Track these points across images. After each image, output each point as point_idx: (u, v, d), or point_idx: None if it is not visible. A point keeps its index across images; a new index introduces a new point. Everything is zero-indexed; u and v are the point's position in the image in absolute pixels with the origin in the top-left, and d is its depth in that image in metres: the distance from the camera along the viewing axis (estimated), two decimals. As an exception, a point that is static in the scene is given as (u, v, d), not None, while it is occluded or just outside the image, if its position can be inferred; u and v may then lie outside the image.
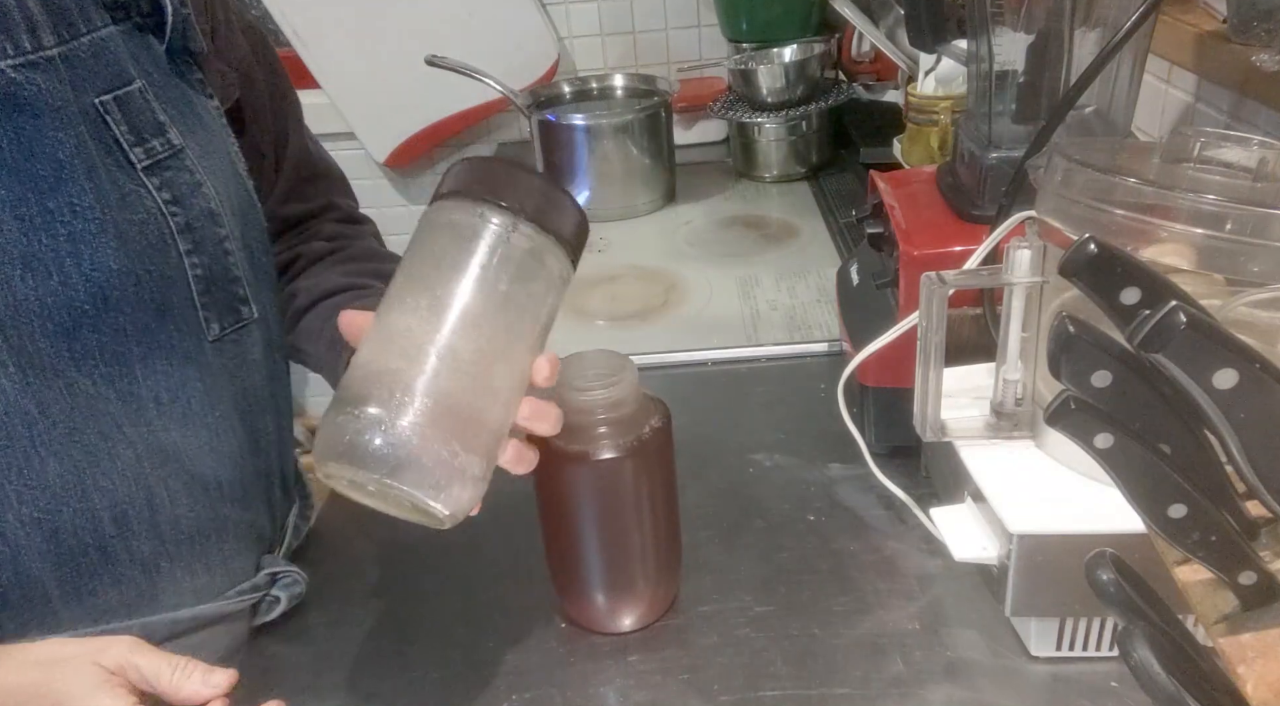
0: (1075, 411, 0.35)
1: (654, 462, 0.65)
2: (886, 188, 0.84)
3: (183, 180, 0.65)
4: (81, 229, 0.58)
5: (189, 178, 0.65)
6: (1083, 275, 0.34)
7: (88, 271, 0.59)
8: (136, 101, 0.62)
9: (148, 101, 0.63)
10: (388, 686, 0.68)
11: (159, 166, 0.63)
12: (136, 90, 0.62)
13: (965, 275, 0.66)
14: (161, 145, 0.63)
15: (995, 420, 0.67)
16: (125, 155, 0.62)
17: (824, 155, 1.57)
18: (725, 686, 0.65)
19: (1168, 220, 0.52)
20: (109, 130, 0.61)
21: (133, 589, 0.65)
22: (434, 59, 1.47)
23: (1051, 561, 0.60)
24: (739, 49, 1.64)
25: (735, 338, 1.09)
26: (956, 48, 0.85)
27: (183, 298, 0.65)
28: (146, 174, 0.63)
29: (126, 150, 0.62)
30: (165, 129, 0.64)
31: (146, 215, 0.62)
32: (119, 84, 0.61)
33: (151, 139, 0.63)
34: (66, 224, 0.58)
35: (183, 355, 0.65)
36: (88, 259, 0.59)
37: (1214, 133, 0.60)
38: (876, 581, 0.73)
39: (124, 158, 0.61)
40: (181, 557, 0.67)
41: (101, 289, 0.60)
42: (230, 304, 0.69)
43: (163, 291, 0.63)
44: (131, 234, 0.61)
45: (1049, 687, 0.63)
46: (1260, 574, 0.37)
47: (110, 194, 0.60)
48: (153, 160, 0.63)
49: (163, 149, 0.63)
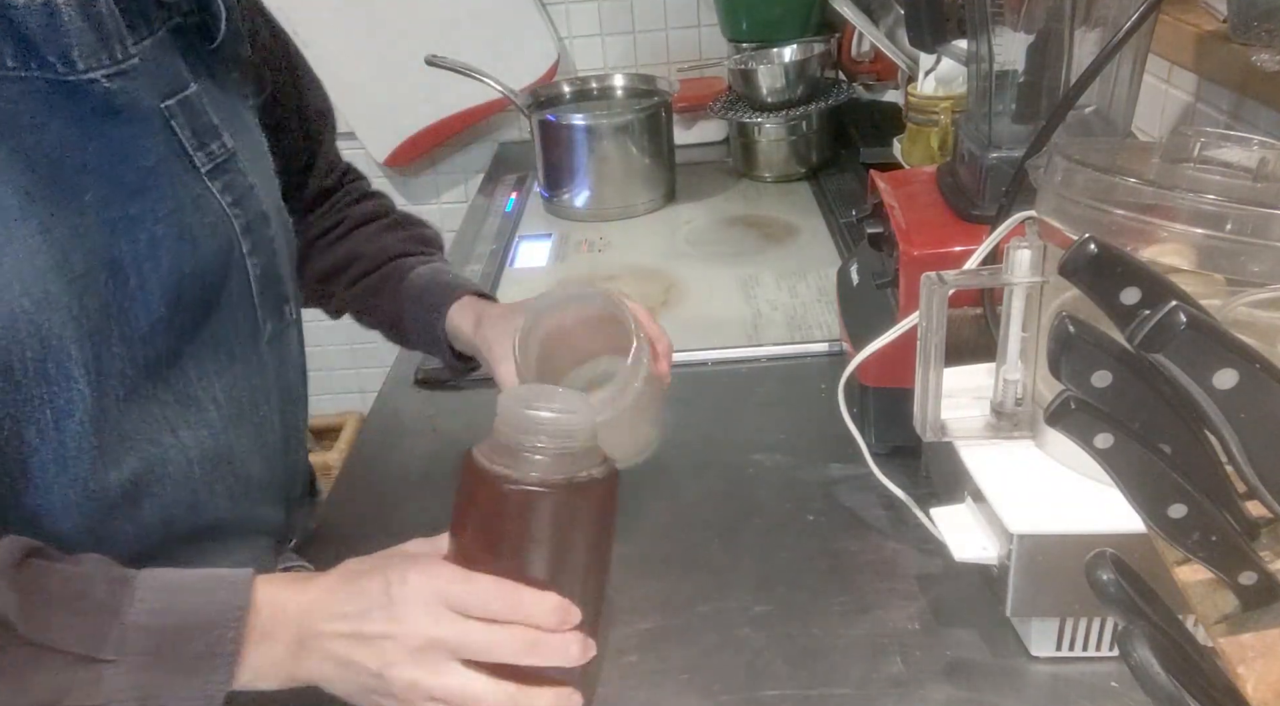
0: (1075, 411, 0.35)
1: (582, 514, 0.56)
2: (886, 188, 0.84)
3: (240, 183, 0.65)
4: (162, 234, 0.59)
5: (244, 181, 0.66)
6: (1083, 275, 0.34)
7: (164, 275, 0.59)
8: (195, 105, 0.62)
9: (203, 105, 0.63)
10: (388, 686, 0.68)
11: (219, 170, 0.64)
12: (194, 94, 0.62)
13: (965, 275, 0.66)
14: (219, 148, 0.64)
15: (995, 420, 0.67)
16: (190, 160, 0.62)
17: (824, 155, 1.57)
18: (725, 686, 0.65)
19: (1168, 220, 0.52)
20: (174, 135, 0.61)
21: None
22: (434, 59, 1.47)
23: (1051, 561, 0.60)
24: (739, 49, 1.64)
25: (735, 337, 1.09)
26: (956, 48, 0.85)
27: (243, 298, 0.66)
28: (209, 177, 0.63)
29: (191, 154, 0.62)
30: (220, 132, 0.64)
31: (215, 219, 0.63)
32: (179, 87, 0.61)
33: (210, 142, 0.63)
34: (148, 229, 0.58)
35: (239, 355, 0.66)
36: (165, 263, 0.59)
37: (1214, 133, 0.60)
38: (876, 581, 0.73)
39: (189, 162, 0.62)
40: (211, 554, 0.68)
41: (176, 292, 0.60)
42: (278, 304, 0.71)
43: (225, 293, 0.64)
44: (203, 237, 0.62)
45: (1049, 687, 0.63)
46: (1260, 574, 0.37)
47: (185, 198, 0.61)
48: (214, 163, 0.64)
49: (220, 152, 0.64)
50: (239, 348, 0.66)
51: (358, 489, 0.91)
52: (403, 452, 0.95)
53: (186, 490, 0.64)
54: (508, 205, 1.56)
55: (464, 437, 0.96)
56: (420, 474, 0.92)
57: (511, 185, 1.65)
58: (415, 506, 0.87)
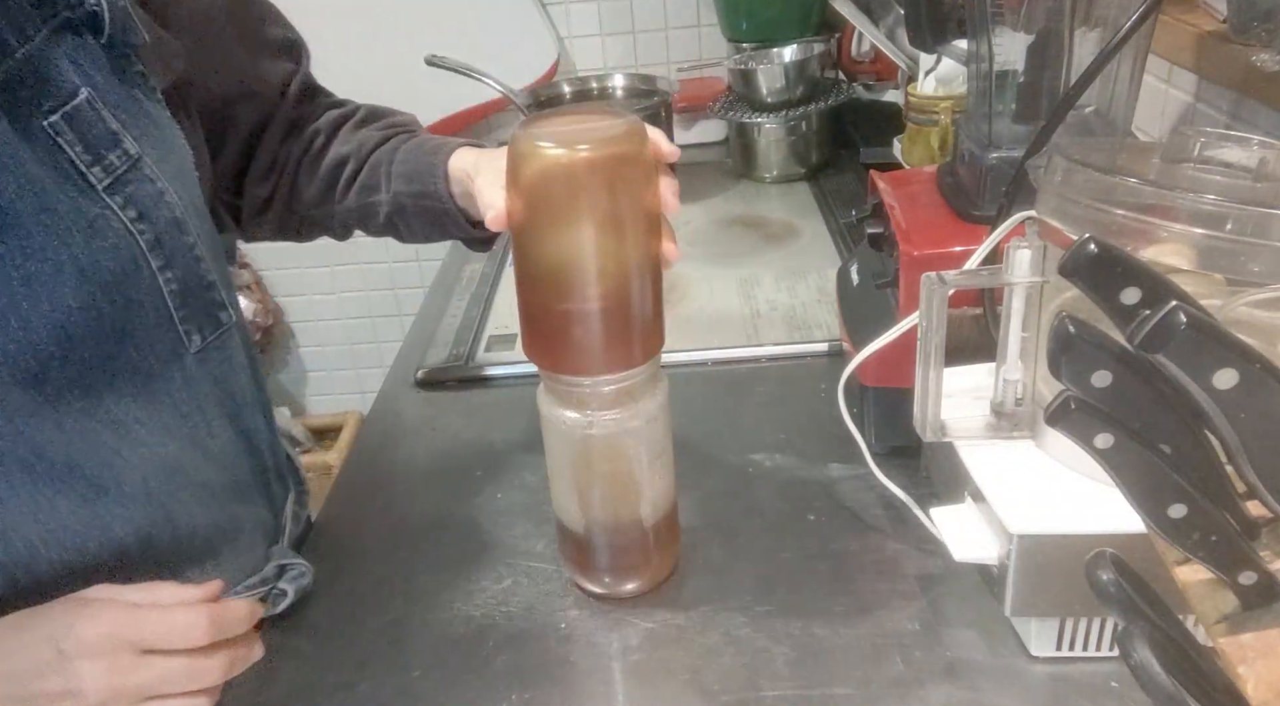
0: (1075, 411, 0.35)
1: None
2: (886, 188, 0.84)
3: (145, 191, 0.61)
4: (35, 270, 0.54)
5: (151, 188, 0.61)
6: (1083, 275, 0.34)
7: (46, 312, 0.55)
8: (86, 114, 0.58)
9: (97, 111, 0.58)
10: (387, 686, 0.68)
11: (119, 182, 0.59)
12: (84, 101, 0.57)
13: (965, 275, 0.66)
14: (119, 158, 0.59)
15: (995, 420, 0.67)
16: (84, 177, 0.58)
17: (824, 155, 1.57)
18: (725, 686, 0.65)
19: (1168, 220, 0.52)
20: (63, 153, 0.56)
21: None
22: (434, 59, 1.47)
23: (1051, 561, 0.60)
24: (739, 49, 1.64)
25: (735, 337, 1.09)
26: (956, 48, 0.85)
27: (158, 316, 0.62)
28: (108, 193, 0.59)
29: (84, 171, 0.58)
30: (120, 139, 0.60)
31: (116, 239, 0.59)
32: (65, 98, 0.56)
33: (108, 153, 0.59)
34: (19, 267, 0.54)
35: (160, 373, 0.63)
36: (45, 300, 0.55)
37: (1214, 133, 0.60)
38: (876, 581, 0.73)
39: (83, 181, 0.58)
40: (198, 558, 0.67)
41: (64, 328, 0.56)
42: (209, 312, 0.67)
43: (126, 317, 0.60)
44: (100, 263, 0.57)
45: (1049, 687, 0.63)
46: (1260, 574, 0.37)
47: (72, 226, 0.56)
48: (112, 177, 0.59)
49: (120, 162, 0.59)
50: (159, 367, 0.63)
51: (358, 489, 0.91)
52: (403, 452, 0.95)
53: (155, 505, 0.63)
54: (508, 205, 1.56)
55: (464, 437, 0.97)
56: (420, 474, 0.92)
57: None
58: (415, 506, 0.87)
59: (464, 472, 0.91)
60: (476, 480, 0.89)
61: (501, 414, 0.99)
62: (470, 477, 0.90)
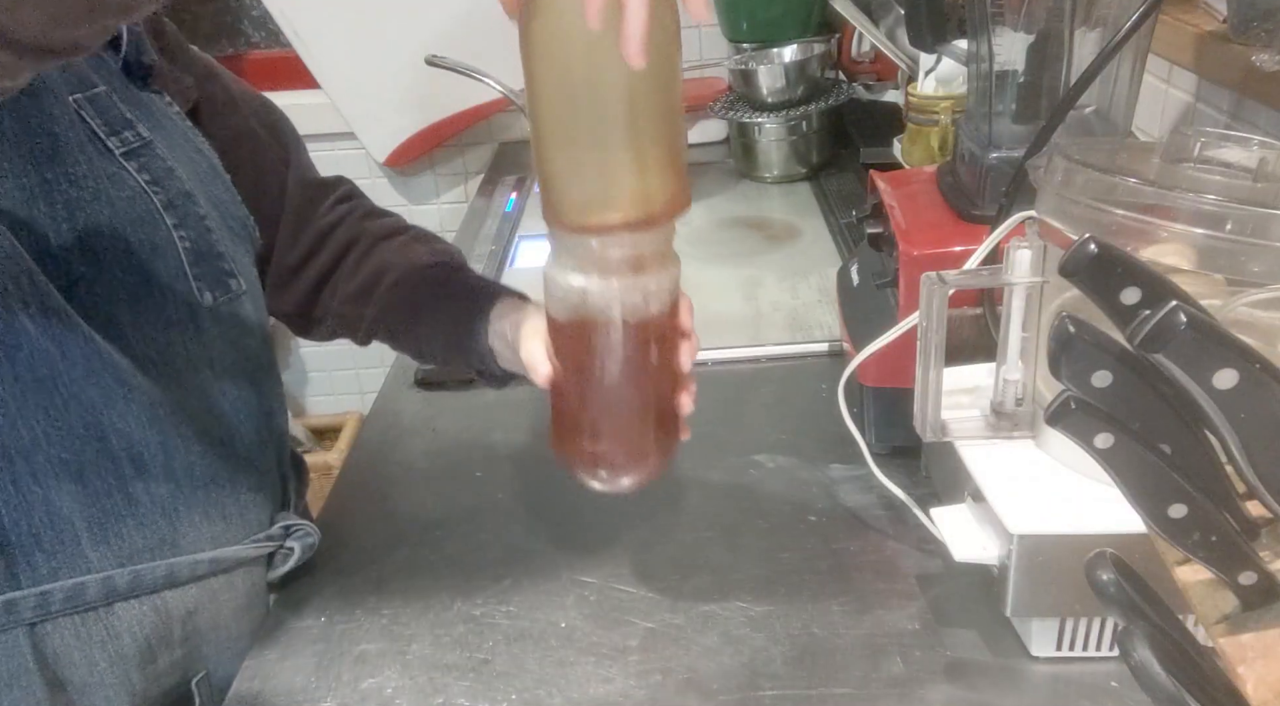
0: (1075, 411, 0.35)
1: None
2: (886, 188, 0.84)
3: (157, 165, 0.69)
4: (76, 196, 0.63)
5: (162, 164, 0.69)
6: (1083, 275, 0.34)
7: (81, 235, 0.63)
8: (104, 100, 0.67)
9: (114, 102, 0.68)
10: (387, 686, 0.68)
11: (134, 153, 0.68)
12: (102, 92, 0.67)
13: (965, 275, 0.66)
14: (132, 136, 0.68)
15: (995, 420, 0.67)
16: (103, 143, 0.66)
17: (824, 155, 1.57)
18: (725, 686, 0.65)
19: (1168, 220, 0.52)
20: (85, 124, 0.66)
21: (155, 533, 0.68)
22: (434, 59, 1.47)
23: (1051, 561, 0.60)
24: (739, 49, 1.64)
25: (736, 338, 1.09)
26: (956, 48, 0.85)
27: (174, 267, 0.69)
28: (125, 159, 0.67)
29: (104, 139, 0.66)
30: (134, 124, 0.68)
31: (132, 193, 0.67)
32: (87, 86, 0.67)
33: (123, 131, 0.68)
34: (63, 192, 0.62)
35: (175, 320, 0.69)
36: (81, 224, 0.63)
37: (1214, 133, 0.60)
38: (876, 581, 0.73)
39: (103, 146, 0.66)
40: (198, 503, 0.70)
41: (94, 251, 0.64)
42: (218, 277, 0.72)
43: (152, 260, 0.67)
44: (121, 205, 0.66)
45: (1049, 687, 0.63)
46: (1260, 574, 0.37)
47: (101, 172, 0.65)
48: (127, 148, 0.68)
49: (134, 139, 0.68)
50: (175, 314, 0.69)
51: (358, 489, 0.91)
52: (403, 452, 0.96)
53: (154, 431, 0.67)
54: (508, 205, 1.56)
55: (464, 437, 0.97)
56: (420, 474, 0.92)
57: (511, 185, 1.65)
58: (415, 506, 0.87)
59: (464, 472, 0.91)
60: (476, 480, 0.89)
61: (501, 414, 0.99)
62: (470, 477, 0.90)
